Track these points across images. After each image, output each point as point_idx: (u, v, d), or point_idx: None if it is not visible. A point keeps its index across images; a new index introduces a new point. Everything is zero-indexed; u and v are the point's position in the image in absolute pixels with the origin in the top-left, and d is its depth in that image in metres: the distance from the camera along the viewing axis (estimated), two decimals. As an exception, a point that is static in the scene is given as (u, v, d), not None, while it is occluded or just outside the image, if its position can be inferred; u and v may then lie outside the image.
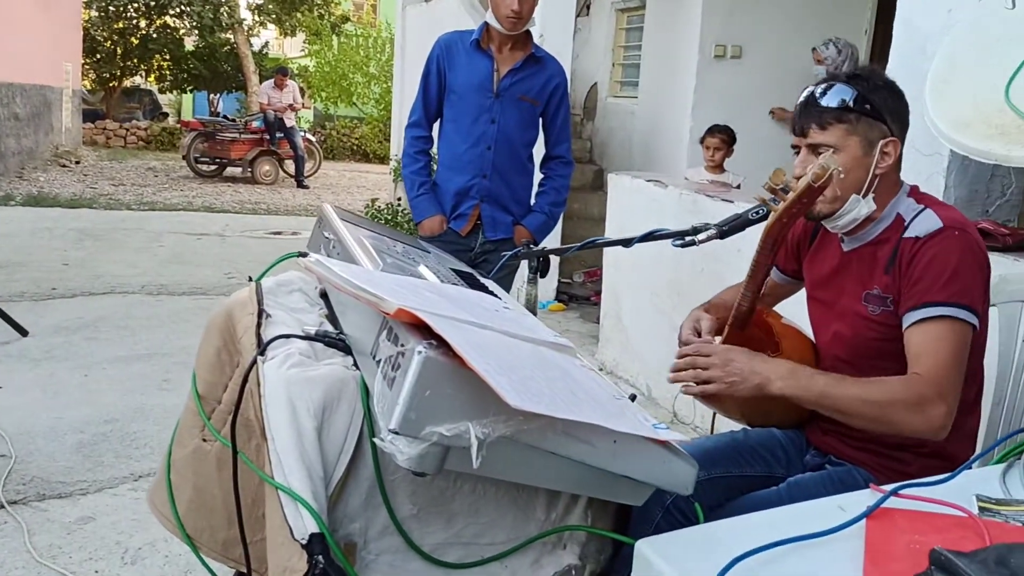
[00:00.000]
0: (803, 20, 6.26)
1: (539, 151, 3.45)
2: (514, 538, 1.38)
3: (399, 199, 8.51)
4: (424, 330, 1.14)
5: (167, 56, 21.91)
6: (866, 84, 1.69)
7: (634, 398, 1.41)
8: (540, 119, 3.37)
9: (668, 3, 6.67)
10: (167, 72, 22.44)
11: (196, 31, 21.54)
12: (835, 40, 5.40)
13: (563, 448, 1.18)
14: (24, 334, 4.74)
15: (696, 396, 1.72)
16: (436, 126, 3.42)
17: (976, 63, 2.22)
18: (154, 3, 20.63)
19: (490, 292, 1.83)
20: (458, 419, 1.10)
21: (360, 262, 1.58)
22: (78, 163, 14.46)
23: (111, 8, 20.48)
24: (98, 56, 20.60)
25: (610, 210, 4.88)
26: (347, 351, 1.45)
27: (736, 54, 6.34)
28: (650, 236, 1.97)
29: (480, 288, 1.83)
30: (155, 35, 21.42)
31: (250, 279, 1.71)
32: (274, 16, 21.86)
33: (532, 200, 3.46)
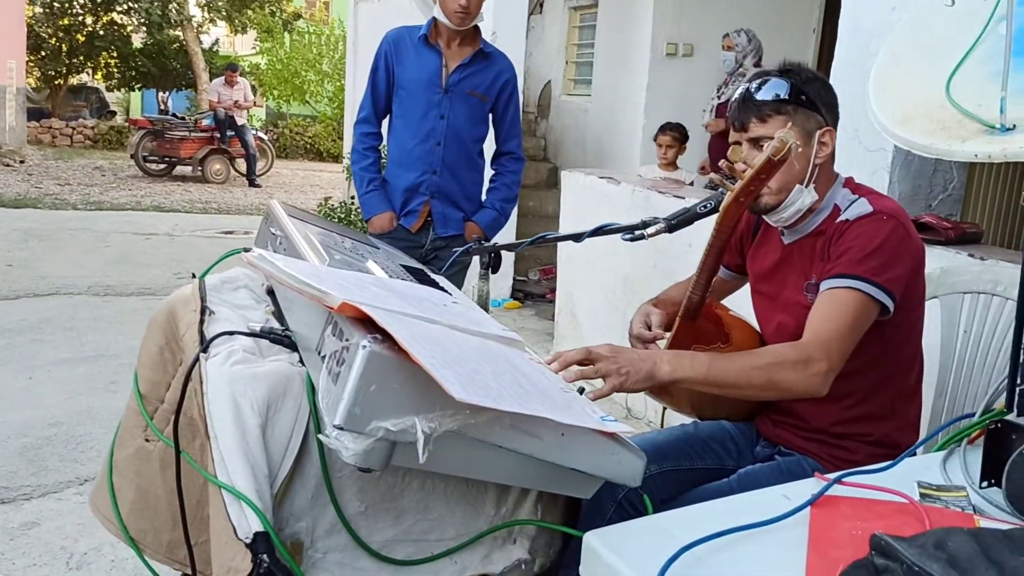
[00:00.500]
0: (753, 19, 6.32)
1: (490, 147, 3.44)
2: (464, 533, 1.37)
3: (353, 198, 8.43)
4: (369, 324, 1.13)
5: (114, 53, 21.49)
6: (798, 77, 1.73)
7: (582, 391, 1.41)
8: (490, 115, 3.35)
9: (620, 2, 6.70)
10: (114, 70, 22.02)
11: (144, 28, 21.14)
12: (747, 30, 5.50)
13: (511, 442, 1.18)
14: (-35, 337, 4.63)
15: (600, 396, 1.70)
16: (386, 123, 3.39)
17: (918, 60, 2.26)
18: (100, -1, 20.28)
19: (440, 288, 1.82)
20: (404, 414, 1.09)
21: (307, 258, 1.56)
22: (22, 162, 14.13)
23: (56, 4, 20.05)
24: (43, 53, 20.14)
25: (564, 207, 4.90)
26: (293, 348, 1.43)
27: (687, 52, 6.40)
28: (600, 231, 1.97)
29: (430, 284, 1.82)
30: (102, 32, 21.01)
31: (193, 276, 1.67)
32: (224, 13, 21.55)
33: (483, 196, 3.45)
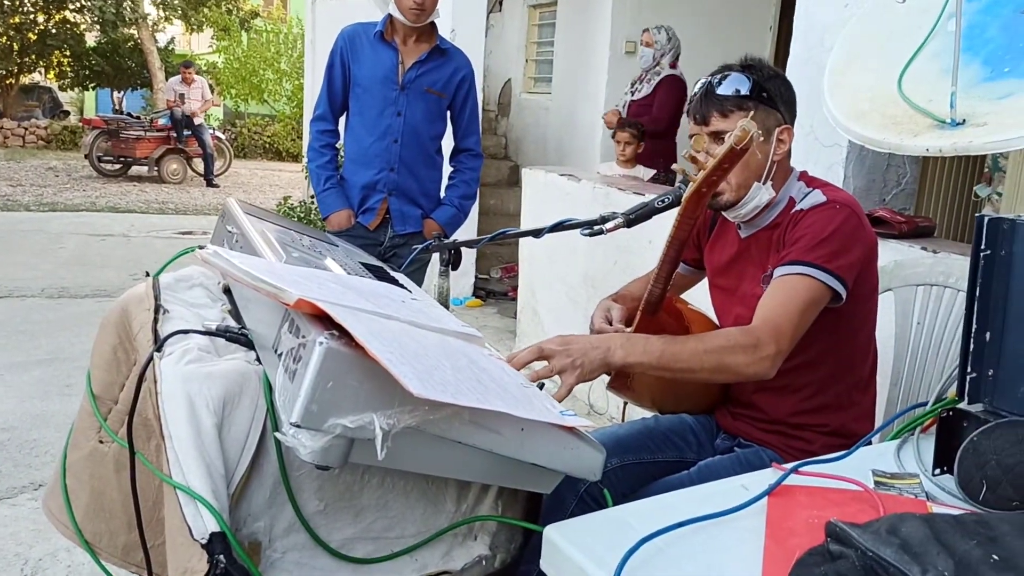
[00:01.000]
0: (711, 17, 6.39)
1: (449, 144, 3.43)
2: (424, 531, 1.36)
3: (312, 197, 8.36)
4: (326, 321, 1.12)
5: (67, 52, 21.08)
6: (760, 73, 1.74)
7: (542, 386, 1.41)
8: (448, 112, 3.35)
9: (580, 0, 6.72)
10: (67, 69, 21.59)
11: (98, 26, 20.77)
12: (667, 28, 5.50)
13: (470, 437, 1.17)
14: (-87, 341, 4.52)
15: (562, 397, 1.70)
16: (343, 120, 3.37)
17: (871, 55, 2.29)
18: (52, -3, 19.87)
19: (400, 285, 1.81)
20: (362, 410, 1.08)
21: (263, 255, 1.54)
22: (-27, 164, 13.85)
23: (6, 2, 19.61)
24: (-8, 52, 19.75)
25: (525, 205, 4.90)
26: (249, 346, 1.41)
27: (646, 50, 6.42)
28: (559, 226, 1.97)
29: (390, 282, 1.81)
30: (54, 30, 20.58)
31: (147, 274, 1.65)
32: (180, 11, 21.24)
33: (442, 193, 3.44)
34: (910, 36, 2.17)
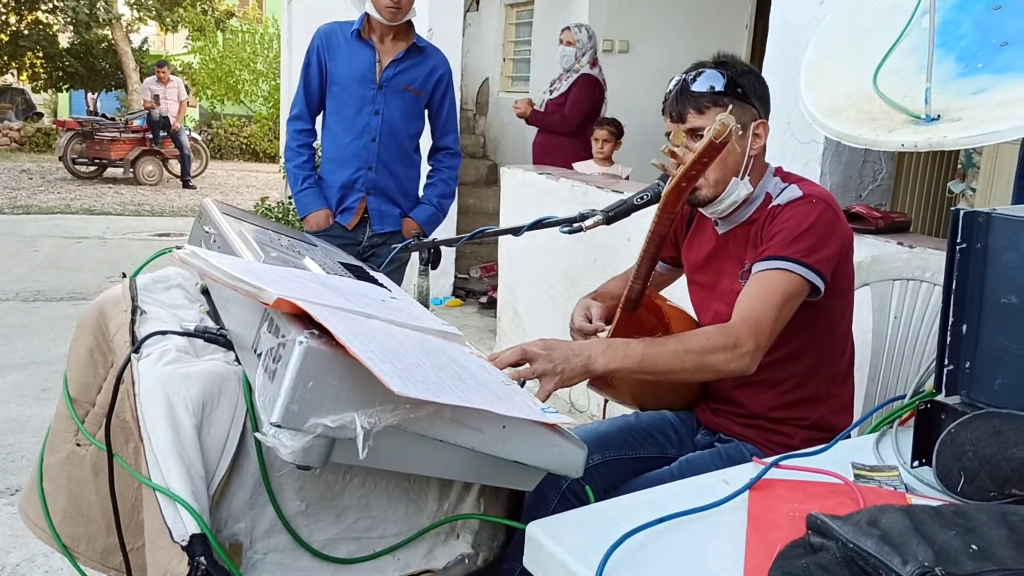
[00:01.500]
0: (687, 15, 6.42)
1: (427, 143, 3.42)
2: (406, 530, 1.36)
3: (290, 198, 8.31)
4: (306, 320, 1.11)
5: (40, 53, 20.87)
6: (734, 69, 1.76)
7: (523, 384, 1.41)
8: (426, 110, 3.34)
9: (556, -2, 6.73)
10: (40, 70, 21.38)
11: (71, 27, 20.57)
12: (587, 26, 5.45)
13: (452, 435, 1.17)
14: None
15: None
16: (320, 120, 3.35)
17: (846, 52, 2.31)
18: (24, -2, 19.67)
19: (379, 284, 1.80)
20: (343, 410, 1.07)
21: (241, 255, 1.53)
22: (-56, 166, 13.68)
23: (-23, 4, 19.45)
24: (-36, 53, 19.53)
25: (504, 203, 4.90)
26: (228, 346, 1.40)
27: (623, 49, 6.45)
28: (539, 224, 1.97)
29: (369, 281, 1.80)
30: (27, 31, 20.38)
31: (123, 275, 1.63)
32: (154, 12, 21.07)
33: (420, 192, 3.43)
34: (885, 32, 2.19)
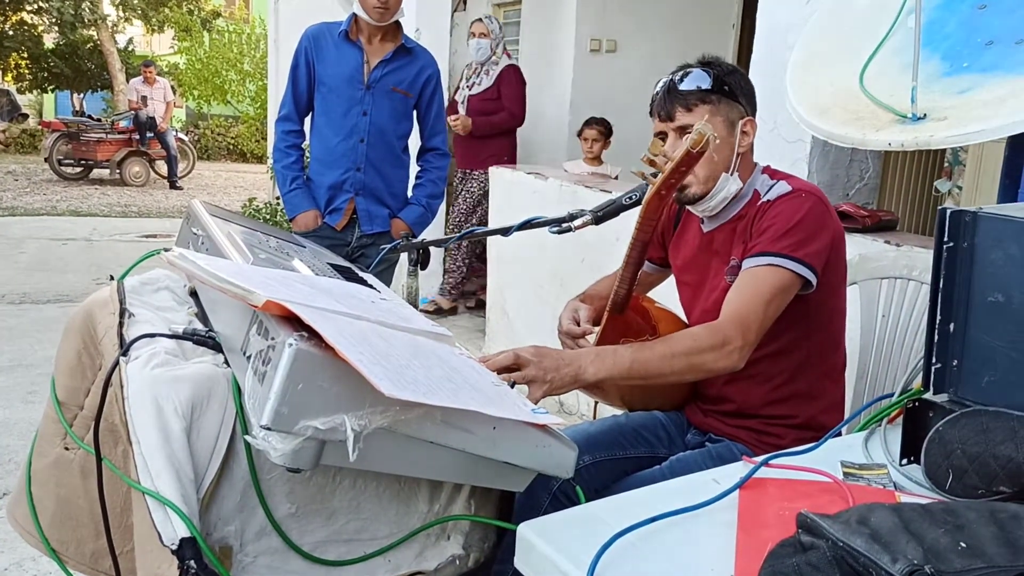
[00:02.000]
0: (675, 15, 6.42)
1: (415, 144, 3.42)
2: (397, 532, 1.35)
3: (277, 198, 8.29)
4: (295, 322, 1.11)
5: (25, 54, 20.74)
6: (720, 68, 1.79)
7: (513, 385, 1.41)
8: (414, 111, 3.34)
9: (543, -2, 6.72)
10: (25, 71, 21.26)
11: (56, 28, 20.44)
12: (495, 17, 5.44)
13: (442, 437, 1.17)
14: None
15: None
16: (308, 121, 3.35)
17: (833, 52, 2.32)
18: (8, -2, 19.53)
19: (368, 285, 1.80)
20: (333, 412, 1.07)
21: (230, 257, 1.52)
22: (-71, 168, 13.58)
23: (-39, 5, 19.30)
24: (-52, 54, 19.39)
25: (492, 203, 4.90)
26: (217, 349, 1.39)
27: (611, 48, 6.44)
28: (528, 224, 1.98)
29: (358, 282, 1.80)
30: (11, 32, 20.24)
31: (111, 278, 1.62)
32: (140, 12, 20.96)
33: (409, 193, 3.42)
34: (871, 32, 2.20)
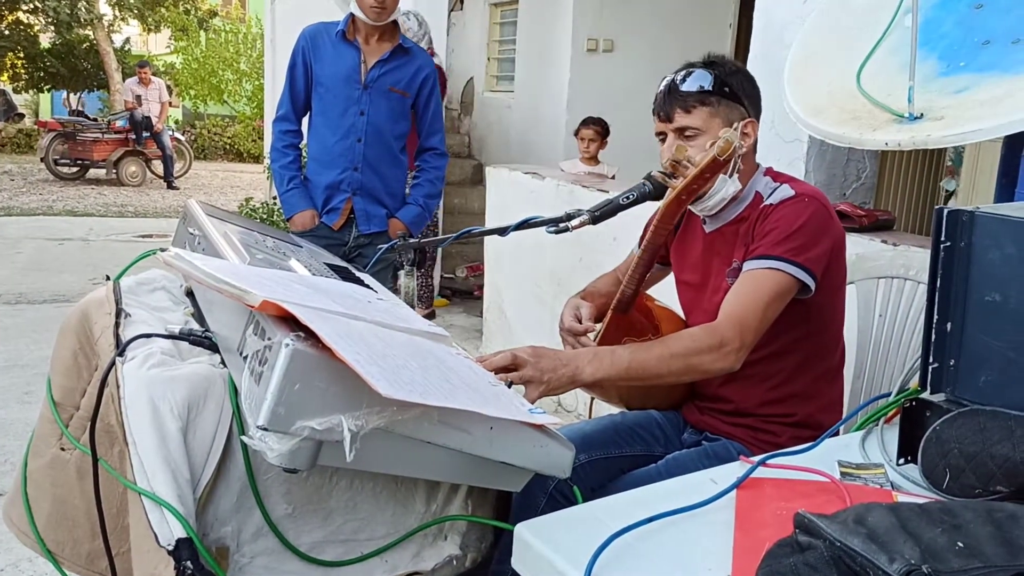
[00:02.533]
0: (672, 14, 6.43)
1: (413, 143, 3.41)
2: (394, 532, 1.35)
3: (274, 198, 8.27)
4: (292, 322, 1.11)
5: (21, 54, 20.70)
6: (722, 69, 1.77)
7: (511, 384, 1.41)
8: (412, 111, 3.33)
9: (540, -3, 6.73)
10: (21, 71, 21.20)
11: (52, 27, 20.40)
12: (415, 14, 5.23)
13: (439, 437, 1.17)
14: None
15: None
16: (305, 121, 3.35)
17: (830, 51, 2.32)
18: (4, -1, 19.48)
19: (365, 285, 1.80)
20: (330, 412, 1.07)
21: (226, 257, 1.52)
22: (-75, 168, 13.55)
23: (-43, 4, 19.24)
24: (-56, 54, 19.34)
25: (489, 203, 4.90)
26: (214, 349, 1.39)
27: (608, 48, 6.45)
28: (525, 224, 1.97)
29: (355, 282, 1.79)
30: (7, 32, 20.20)
31: (107, 278, 1.62)
32: (136, 11, 20.92)
33: (406, 192, 3.42)
34: (868, 31, 2.20)
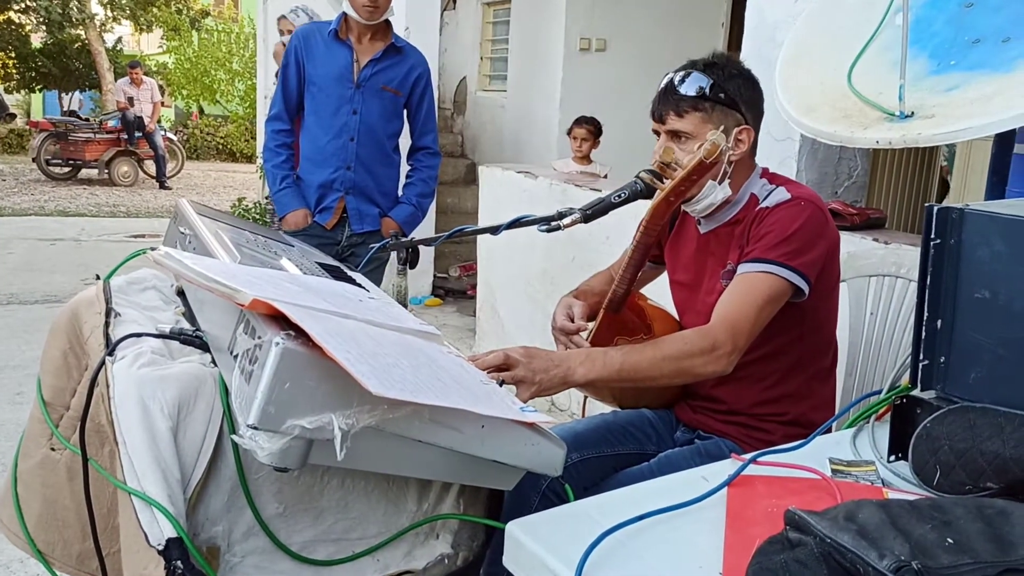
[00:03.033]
0: (664, 13, 6.43)
1: (406, 143, 3.41)
2: (385, 531, 1.35)
3: (267, 198, 8.25)
4: (282, 321, 1.10)
5: (12, 54, 20.63)
6: (722, 73, 1.73)
7: (502, 383, 1.41)
8: (404, 110, 3.33)
9: (533, -3, 6.73)
10: (13, 71, 21.13)
11: (44, 27, 20.32)
12: (304, 9, 5.11)
13: (431, 436, 1.16)
14: None
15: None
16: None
17: (821, 50, 2.33)
18: (-6, -2, 19.40)
19: (357, 284, 1.79)
20: (320, 411, 1.07)
21: (217, 256, 1.51)
22: (-85, 168, 13.50)
23: (-53, 4, 19.15)
24: (-66, 54, 19.26)
25: (482, 202, 4.90)
26: (204, 348, 1.39)
27: (601, 47, 6.45)
28: (517, 223, 1.97)
29: (347, 281, 1.79)
30: (-2, 31, 20.16)
31: (97, 277, 1.61)
32: (128, 11, 20.85)
33: (399, 192, 3.42)
34: (859, 30, 2.21)
